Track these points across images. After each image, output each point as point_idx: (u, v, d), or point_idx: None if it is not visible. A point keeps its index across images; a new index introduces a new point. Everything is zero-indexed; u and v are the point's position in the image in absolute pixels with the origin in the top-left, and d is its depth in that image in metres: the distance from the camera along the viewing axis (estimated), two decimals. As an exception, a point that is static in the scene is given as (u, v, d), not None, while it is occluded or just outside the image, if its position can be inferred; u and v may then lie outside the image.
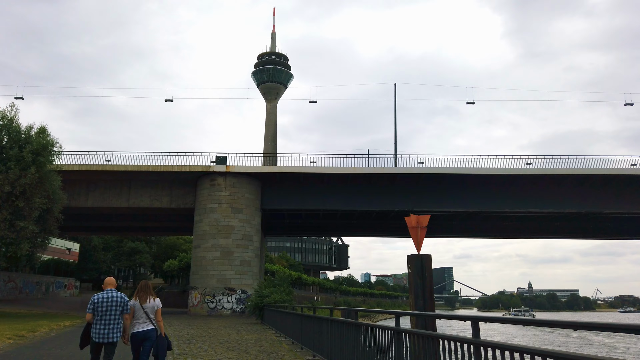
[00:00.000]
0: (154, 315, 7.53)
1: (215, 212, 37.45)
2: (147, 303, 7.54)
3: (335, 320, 10.43)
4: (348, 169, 38.07)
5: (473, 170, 37.75)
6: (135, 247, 71.51)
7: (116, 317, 7.25)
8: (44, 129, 28.82)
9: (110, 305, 7.21)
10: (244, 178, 38.52)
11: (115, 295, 7.35)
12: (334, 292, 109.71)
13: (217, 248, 36.75)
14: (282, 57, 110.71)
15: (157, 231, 60.90)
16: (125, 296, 7.53)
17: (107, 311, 7.17)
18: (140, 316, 7.46)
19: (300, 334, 13.33)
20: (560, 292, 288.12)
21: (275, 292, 24.34)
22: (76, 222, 46.33)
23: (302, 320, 13.37)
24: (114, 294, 7.36)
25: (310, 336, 12.30)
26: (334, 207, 40.58)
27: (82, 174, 38.09)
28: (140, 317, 7.46)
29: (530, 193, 39.38)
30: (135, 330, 7.41)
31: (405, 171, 37.91)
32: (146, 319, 7.46)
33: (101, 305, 7.17)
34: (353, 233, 55.98)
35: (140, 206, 39.45)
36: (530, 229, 49.13)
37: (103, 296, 7.28)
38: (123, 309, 7.36)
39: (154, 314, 7.54)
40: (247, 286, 36.86)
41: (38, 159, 27.19)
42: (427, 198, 39.99)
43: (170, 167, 37.51)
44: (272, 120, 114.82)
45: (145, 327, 7.42)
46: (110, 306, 7.20)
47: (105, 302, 7.21)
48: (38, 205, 27.05)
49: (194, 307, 36.28)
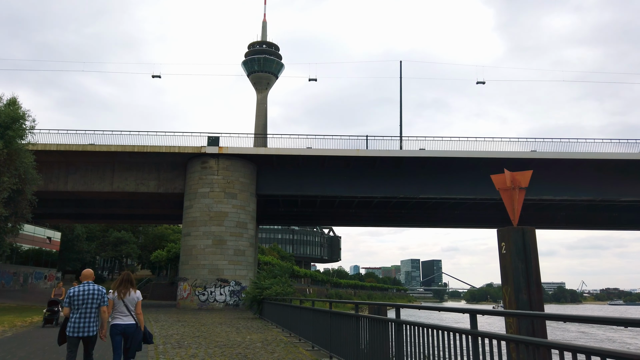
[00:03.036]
0: (135, 308, 7.25)
1: (207, 197, 34.48)
2: (127, 296, 7.23)
3: (365, 318, 8.32)
4: (351, 151, 35.27)
5: (485, 154, 35.16)
6: (121, 237, 68.24)
7: (93, 310, 6.96)
8: (14, 100, 25.61)
9: (87, 298, 6.93)
10: (238, 161, 35.57)
11: (92, 288, 7.06)
12: (325, 285, 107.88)
13: (209, 236, 33.83)
14: (273, 46, 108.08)
15: (144, 219, 57.63)
16: (102, 288, 7.15)
17: (84, 304, 6.89)
18: (121, 308, 7.17)
19: (318, 334, 10.64)
20: (546, 285, 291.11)
21: (277, 284, 21.59)
22: (55, 209, 43.01)
23: (319, 317, 10.69)
24: (90, 287, 7.08)
25: (327, 335, 9.72)
26: (334, 193, 37.81)
27: (60, 155, 34.83)
28: (120, 310, 7.17)
29: (545, 179, 36.91)
30: (115, 322, 7.14)
31: (412, 154, 35.19)
32: (127, 312, 7.18)
33: (77, 299, 6.91)
34: (351, 222, 53.15)
35: (125, 190, 36.30)
36: (543, 219, 46.67)
37: (79, 289, 7.02)
38: (100, 301, 7.05)
39: (134, 307, 7.26)
40: (241, 277, 34.05)
41: (7, 133, 24.03)
42: (433, 184, 37.39)
43: (158, 148, 34.41)
44: (262, 110, 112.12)
45: (127, 321, 7.15)
46: (86, 299, 6.92)
47: (81, 295, 6.95)
48: (7, 185, 23.94)
49: (184, 300, 33.40)
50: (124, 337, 7.11)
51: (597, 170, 36.99)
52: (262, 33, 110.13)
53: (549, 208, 43.76)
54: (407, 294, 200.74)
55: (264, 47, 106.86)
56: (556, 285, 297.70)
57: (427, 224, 51.26)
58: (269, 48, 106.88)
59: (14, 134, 24.24)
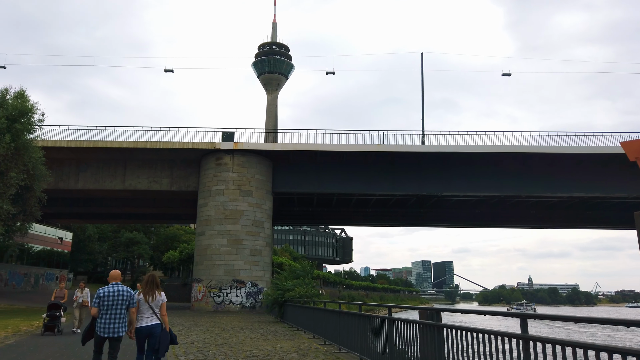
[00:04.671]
0: (159, 310, 7.21)
1: (222, 194, 33.14)
2: (152, 297, 7.20)
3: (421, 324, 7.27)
4: (371, 146, 33.72)
5: (513, 149, 33.39)
6: (133, 238, 67.27)
7: (122, 311, 6.98)
8: (22, 92, 24.45)
9: (116, 299, 6.93)
10: (254, 157, 34.20)
11: (121, 289, 7.05)
12: (337, 286, 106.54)
13: (224, 235, 32.47)
14: (283, 47, 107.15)
15: (156, 219, 56.54)
16: (131, 290, 7.18)
17: (113, 305, 6.89)
18: (146, 310, 7.15)
19: (367, 344, 9.13)
20: (560, 287, 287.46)
21: (300, 285, 20.12)
22: (66, 208, 41.99)
23: (368, 323, 9.19)
24: (119, 288, 7.06)
25: (384, 346, 8.24)
26: (353, 190, 36.27)
27: (71, 152, 33.71)
28: (145, 311, 7.15)
29: (573, 175, 35.09)
30: (140, 324, 7.09)
31: (435, 149, 33.53)
32: (151, 313, 7.15)
33: (107, 299, 6.90)
34: (367, 222, 51.47)
35: (137, 188, 35.09)
36: (566, 218, 44.73)
37: (109, 290, 6.99)
38: (129, 303, 7.06)
39: (159, 309, 7.22)
40: (257, 278, 32.65)
41: (14, 126, 22.85)
42: (456, 180, 35.69)
43: (171, 144, 33.14)
44: (272, 111, 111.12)
45: (151, 322, 7.10)
46: (116, 300, 6.92)
47: (111, 295, 6.93)
48: (15, 181, 22.77)
49: (198, 302, 32.06)
50: (150, 337, 7.07)
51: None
52: (272, 34, 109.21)
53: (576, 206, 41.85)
54: (419, 296, 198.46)
55: (274, 48, 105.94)
56: (570, 287, 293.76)
57: (447, 223, 49.48)
58: (279, 49, 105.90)
59: (22, 127, 23.07)
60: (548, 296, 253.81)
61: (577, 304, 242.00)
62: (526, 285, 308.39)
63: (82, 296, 16.21)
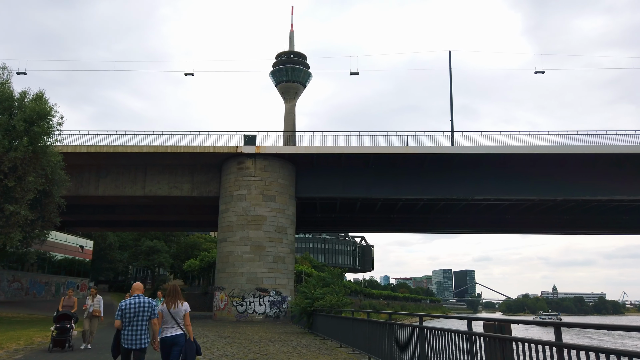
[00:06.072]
0: (182, 320, 7.13)
1: (244, 199, 32.05)
2: (175, 308, 7.10)
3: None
4: (399, 148, 32.31)
5: (548, 149, 31.63)
6: (154, 246, 66.74)
7: (144, 322, 6.93)
8: (41, 95, 23.77)
9: (138, 311, 6.89)
10: (276, 161, 33.08)
11: (142, 301, 6.98)
12: (358, 295, 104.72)
13: (247, 242, 31.33)
14: (301, 55, 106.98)
15: (177, 226, 55.77)
16: (152, 301, 7.05)
17: (135, 317, 6.87)
18: (169, 321, 7.08)
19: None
20: (586, 296, 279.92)
21: (330, 293, 18.77)
22: (86, 215, 41.42)
23: (423, 336, 7.81)
24: (141, 300, 6.99)
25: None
26: (379, 195, 34.82)
27: (90, 157, 33.08)
28: (168, 322, 7.08)
29: (615, 177, 33.09)
30: (164, 335, 7.05)
31: (467, 150, 31.94)
32: (174, 323, 7.08)
33: (129, 312, 6.87)
34: (392, 229, 49.88)
35: (157, 194, 34.26)
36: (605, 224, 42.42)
37: (131, 302, 6.95)
38: (151, 314, 6.98)
39: (182, 319, 7.14)
40: (281, 286, 31.38)
41: (32, 129, 22.11)
42: (488, 184, 34.02)
43: (192, 148, 32.24)
44: (290, 120, 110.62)
45: (174, 332, 7.03)
46: (137, 312, 6.88)
47: (133, 308, 6.90)
48: (32, 185, 21.99)
49: (220, 311, 30.90)
50: (174, 347, 6.98)
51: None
52: (289, 43, 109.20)
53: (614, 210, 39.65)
54: (440, 305, 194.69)
55: (291, 56, 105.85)
56: (596, 296, 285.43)
57: (473, 229, 47.58)
58: (297, 57, 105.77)
59: (40, 130, 22.34)
60: (574, 305, 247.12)
61: (604, 313, 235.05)
62: (550, 294, 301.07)
63: (92, 305, 13.58)
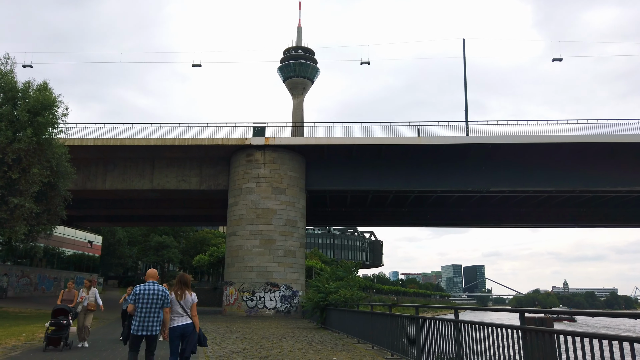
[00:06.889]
0: (190, 310, 6.96)
1: (253, 192, 31.35)
2: (184, 297, 6.95)
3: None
4: (413, 138, 31.40)
5: (568, 139, 30.53)
6: (163, 242, 66.47)
7: (157, 310, 6.76)
8: (45, 85, 23.13)
9: (152, 298, 6.73)
10: (286, 153, 32.33)
11: (156, 288, 6.83)
12: (367, 290, 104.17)
13: (256, 235, 30.65)
14: (309, 51, 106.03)
15: (186, 221, 55.31)
16: (166, 290, 6.92)
17: (148, 303, 6.69)
18: (178, 310, 6.91)
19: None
20: (598, 291, 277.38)
21: (344, 287, 18.01)
22: (94, 210, 41.03)
23: (458, 331, 7.01)
24: (155, 287, 6.84)
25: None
26: (392, 187, 33.97)
27: (98, 151, 32.54)
28: (177, 311, 6.92)
29: (636, 167, 31.94)
30: (174, 324, 6.88)
31: (483, 140, 30.95)
32: (183, 312, 6.91)
33: (142, 297, 6.71)
34: (404, 223, 48.84)
35: (165, 188, 33.67)
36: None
37: (145, 288, 6.78)
38: (164, 302, 6.83)
39: (189, 308, 6.96)
40: (292, 281, 30.68)
41: (36, 120, 21.51)
42: (505, 175, 33.02)
43: (200, 140, 31.57)
44: (299, 116, 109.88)
45: (184, 322, 6.88)
46: (151, 298, 6.73)
47: (146, 293, 6.72)
48: (37, 178, 21.40)
49: (230, 306, 30.29)
50: (182, 337, 6.85)
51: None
52: (297, 38, 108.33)
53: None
54: (450, 301, 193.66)
55: (299, 52, 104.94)
56: (608, 291, 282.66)
57: (488, 222, 46.58)
58: (304, 53, 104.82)
59: (45, 121, 21.73)
60: (585, 300, 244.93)
61: (616, 308, 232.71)
62: (561, 289, 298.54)
63: (87, 297, 12.16)
